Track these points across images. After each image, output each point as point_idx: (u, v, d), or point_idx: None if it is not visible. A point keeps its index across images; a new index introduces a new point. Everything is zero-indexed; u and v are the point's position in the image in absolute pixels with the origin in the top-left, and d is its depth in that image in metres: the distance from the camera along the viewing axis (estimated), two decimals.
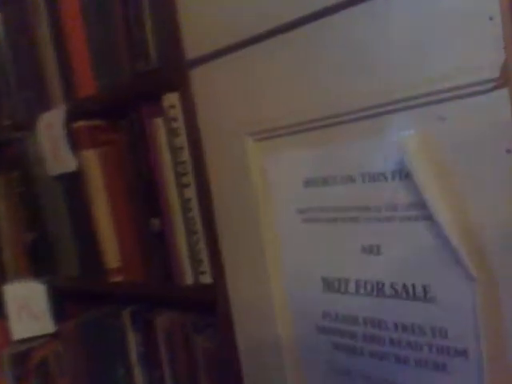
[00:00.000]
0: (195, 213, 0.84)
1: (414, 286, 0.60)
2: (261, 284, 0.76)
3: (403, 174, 0.59)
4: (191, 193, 0.84)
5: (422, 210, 0.57)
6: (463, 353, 0.57)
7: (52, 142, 1.05)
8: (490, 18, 0.51)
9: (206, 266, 0.85)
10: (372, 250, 0.63)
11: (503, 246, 0.52)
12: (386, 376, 0.64)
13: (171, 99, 0.83)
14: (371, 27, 0.60)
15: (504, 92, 0.51)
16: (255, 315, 0.79)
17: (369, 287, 0.64)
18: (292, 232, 0.70)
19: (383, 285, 0.62)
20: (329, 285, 0.68)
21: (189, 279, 0.88)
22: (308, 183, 0.68)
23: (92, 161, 1.01)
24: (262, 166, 0.72)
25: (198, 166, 0.82)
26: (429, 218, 0.57)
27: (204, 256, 0.84)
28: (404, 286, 0.61)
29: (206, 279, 0.85)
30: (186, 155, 0.83)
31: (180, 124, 0.83)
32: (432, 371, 0.60)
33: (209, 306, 0.86)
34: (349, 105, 0.62)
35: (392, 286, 0.62)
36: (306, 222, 0.69)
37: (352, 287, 0.65)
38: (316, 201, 0.67)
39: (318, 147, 0.66)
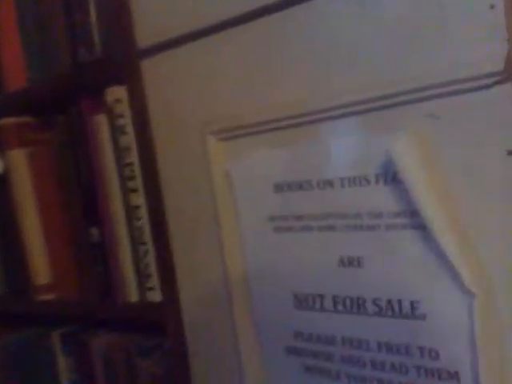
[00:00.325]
0: (144, 221, 0.75)
1: (400, 302, 0.54)
2: (221, 303, 0.68)
3: (389, 177, 0.53)
4: (139, 199, 0.75)
5: (412, 218, 0.52)
6: (455, 376, 0.51)
7: None
8: (491, 7, 0.46)
9: (154, 281, 0.76)
10: (352, 262, 0.56)
11: (506, 257, 0.48)
12: None
13: (117, 93, 0.74)
14: (351, 15, 0.54)
15: (507, 87, 0.46)
16: (213, 337, 0.71)
17: (348, 303, 0.57)
18: (260, 242, 0.63)
19: (364, 301, 0.56)
20: (302, 301, 0.61)
21: (133, 296, 0.78)
22: (279, 188, 0.60)
23: (20, 162, 0.89)
24: (225, 168, 0.64)
25: (148, 169, 0.73)
26: (419, 226, 0.51)
27: (153, 270, 0.75)
28: (389, 302, 0.55)
29: (155, 296, 0.76)
30: (133, 156, 0.74)
31: (127, 121, 0.74)
32: None
33: (157, 327, 0.77)
34: (326, 101, 0.56)
35: (375, 302, 0.55)
36: (277, 230, 0.61)
37: (329, 304, 0.59)
38: (288, 207, 0.60)
39: (291, 148, 0.60)
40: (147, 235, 0.75)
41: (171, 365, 0.77)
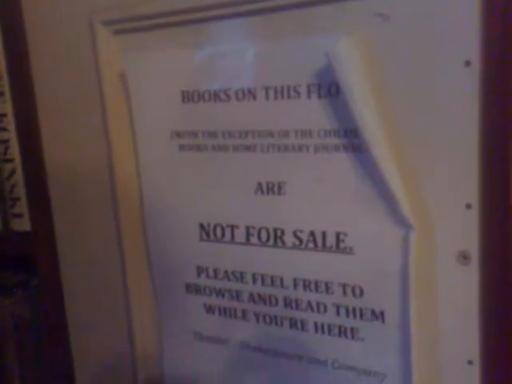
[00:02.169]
0: (11, 134, 0.60)
1: (324, 234, 0.47)
2: (106, 233, 0.57)
3: (324, 89, 0.45)
4: (5, 105, 0.60)
5: (346, 138, 0.45)
6: (379, 315, 0.46)
7: None
8: None
9: (23, 206, 0.62)
10: (272, 189, 0.48)
11: (448, 188, 0.42)
12: (276, 345, 0.52)
13: None
14: None
15: None
16: (95, 273, 0.60)
17: (264, 236, 0.50)
18: (161, 162, 0.52)
19: (283, 232, 0.49)
20: (209, 232, 0.52)
21: None
22: (188, 97, 0.50)
23: None
24: (121, 69, 0.52)
25: (17, 67, 0.59)
26: (354, 148, 0.45)
27: (22, 193, 0.62)
28: (311, 233, 0.48)
29: (23, 225, 0.63)
30: None
31: None
32: (337, 338, 0.49)
33: (24, 261, 0.65)
34: None
35: (295, 233, 0.48)
36: (183, 149, 0.51)
37: (241, 236, 0.51)
38: (199, 122, 0.50)
39: (205, 47, 0.49)
40: (15, 150, 0.61)
41: (42, 306, 0.65)
